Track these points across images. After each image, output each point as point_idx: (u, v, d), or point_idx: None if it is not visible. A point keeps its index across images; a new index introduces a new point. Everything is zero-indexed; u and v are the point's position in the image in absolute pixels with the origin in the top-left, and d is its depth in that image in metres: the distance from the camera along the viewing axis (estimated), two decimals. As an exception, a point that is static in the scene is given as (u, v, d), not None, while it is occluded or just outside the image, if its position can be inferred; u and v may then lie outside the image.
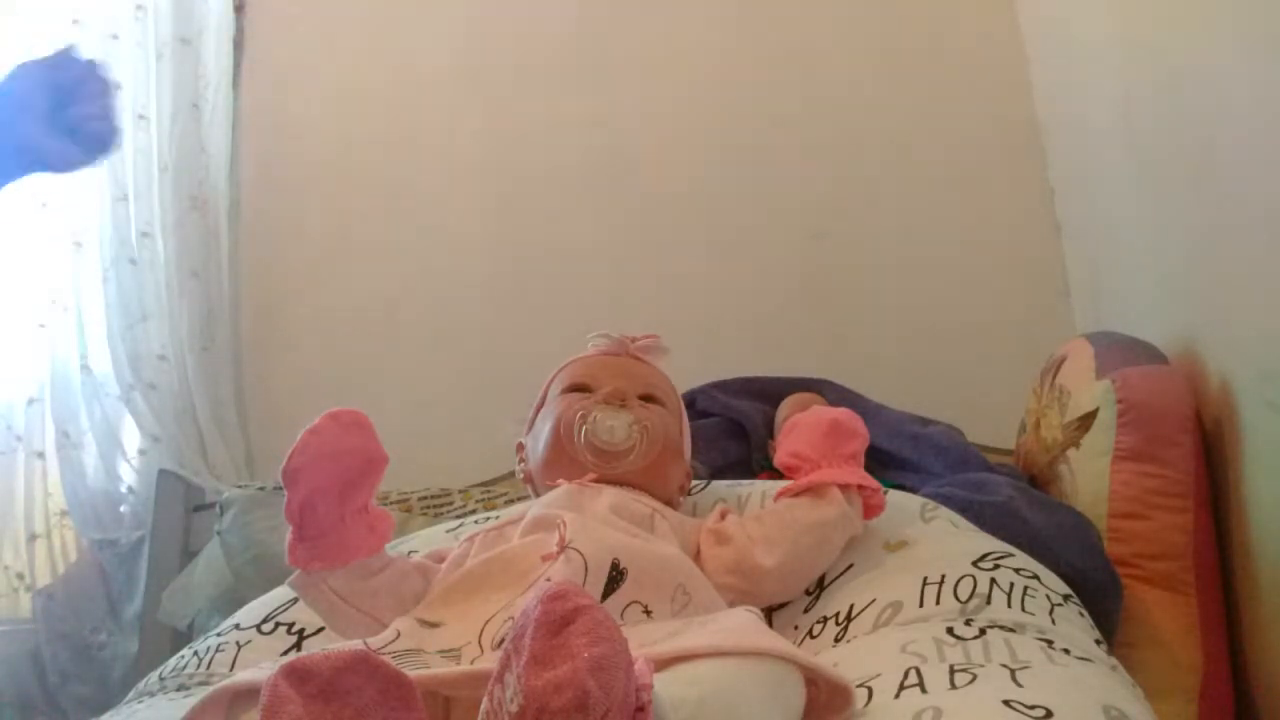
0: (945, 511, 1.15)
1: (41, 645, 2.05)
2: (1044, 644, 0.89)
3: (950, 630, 0.91)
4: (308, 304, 2.33)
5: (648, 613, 0.89)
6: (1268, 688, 1.22)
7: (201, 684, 1.08)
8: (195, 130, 2.28)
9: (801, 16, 2.28)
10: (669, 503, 1.11)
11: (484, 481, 1.87)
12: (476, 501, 1.78)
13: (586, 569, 0.88)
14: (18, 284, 2.19)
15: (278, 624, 1.14)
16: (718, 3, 2.33)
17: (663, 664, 0.71)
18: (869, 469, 1.08)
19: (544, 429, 1.13)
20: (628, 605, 0.88)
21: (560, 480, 1.06)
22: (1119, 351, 1.42)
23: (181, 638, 1.83)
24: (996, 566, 1.01)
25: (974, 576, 0.99)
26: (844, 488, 1.04)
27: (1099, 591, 1.18)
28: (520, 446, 1.19)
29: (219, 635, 1.17)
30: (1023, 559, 1.05)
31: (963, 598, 0.96)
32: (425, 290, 2.29)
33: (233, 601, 1.47)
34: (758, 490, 1.20)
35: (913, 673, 0.83)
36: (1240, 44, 1.20)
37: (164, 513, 2.11)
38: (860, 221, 2.19)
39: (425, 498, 1.80)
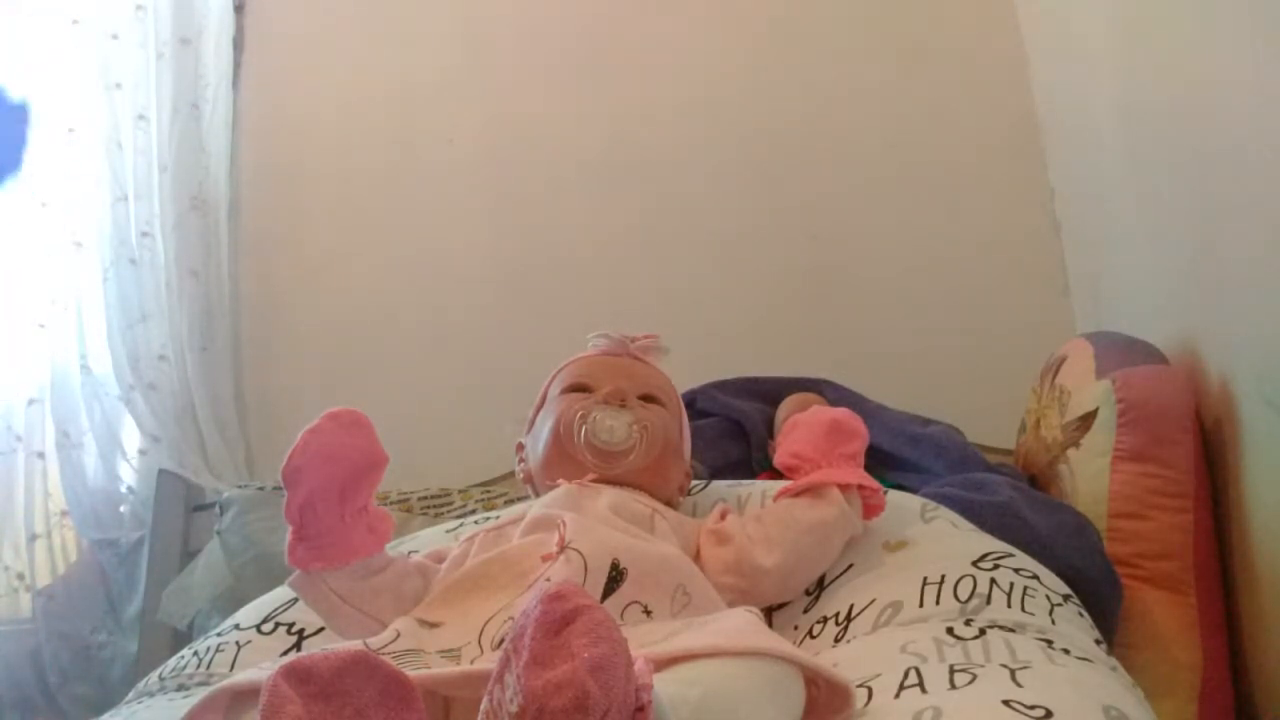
0: (945, 512, 1.14)
1: (41, 645, 2.05)
2: (1044, 644, 0.89)
3: (950, 630, 0.91)
4: (307, 304, 2.33)
5: (648, 613, 0.88)
6: (1268, 688, 1.21)
7: (201, 684, 1.08)
8: (195, 130, 2.29)
9: (802, 17, 2.28)
10: (669, 503, 1.11)
11: (484, 481, 1.87)
12: (476, 501, 1.78)
13: (586, 569, 0.88)
14: (18, 284, 2.19)
15: (278, 624, 1.14)
16: (718, 4, 2.33)
17: (662, 664, 0.71)
18: (869, 469, 1.08)
19: (544, 429, 1.12)
20: (628, 605, 0.88)
21: (560, 480, 1.06)
22: (1119, 351, 1.42)
23: (181, 638, 1.84)
24: (996, 566, 1.01)
25: (974, 576, 0.98)
26: (844, 488, 1.03)
27: (1099, 591, 1.18)
28: (520, 446, 1.19)
29: (219, 635, 1.17)
30: (1022, 559, 1.05)
31: (963, 598, 0.96)
32: (425, 290, 2.29)
33: (233, 601, 1.47)
34: (758, 490, 1.20)
35: (913, 673, 0.83)
36: (1240, 44, 1.19)
37: (164, 513, 2.11)
38: (861, 221, 2.19)
39: (425, 498, 1.80)
